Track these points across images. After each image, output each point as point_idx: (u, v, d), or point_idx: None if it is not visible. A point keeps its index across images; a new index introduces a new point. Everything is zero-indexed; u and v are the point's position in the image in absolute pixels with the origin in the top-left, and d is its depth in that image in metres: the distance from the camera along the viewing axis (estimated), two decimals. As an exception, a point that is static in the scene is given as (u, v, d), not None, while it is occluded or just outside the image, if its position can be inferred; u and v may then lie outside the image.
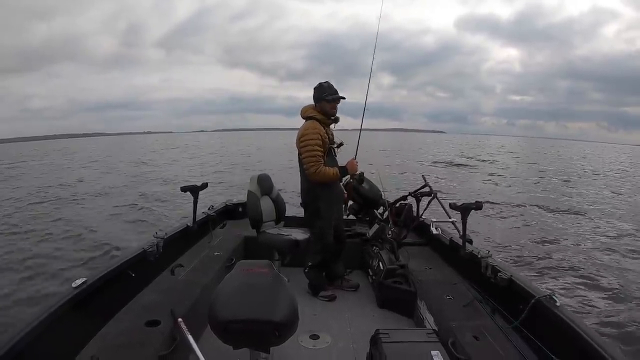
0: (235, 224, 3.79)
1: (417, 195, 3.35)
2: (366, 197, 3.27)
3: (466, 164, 22.66)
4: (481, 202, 2.50)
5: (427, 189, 3.34)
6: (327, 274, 3.04)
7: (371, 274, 3.05)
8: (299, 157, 2.81)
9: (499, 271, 2.14)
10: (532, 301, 1.81)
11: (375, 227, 3.31)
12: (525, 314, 1.83)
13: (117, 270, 2.07)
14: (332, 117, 2.82)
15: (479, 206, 2.47)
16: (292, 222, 3.28)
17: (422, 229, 3.26)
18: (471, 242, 2.66)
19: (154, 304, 2.07)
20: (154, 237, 2.51)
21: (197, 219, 3.15)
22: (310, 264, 2.96)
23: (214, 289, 1.50)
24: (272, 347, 1.48)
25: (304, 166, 2.75)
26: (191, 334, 1.78)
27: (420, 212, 3.37)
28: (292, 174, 3.73)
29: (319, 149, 2.70)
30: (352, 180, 3.16)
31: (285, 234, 2.71)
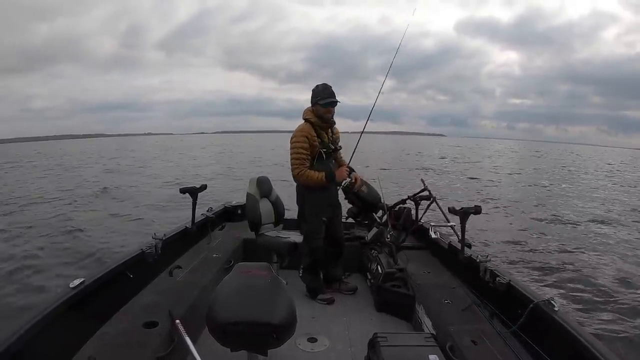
0: (234, 226, 3.79)
1: (416, 199, 3.34)
2: (365, 200, 3.26)
3: (467, 167, 22.68)
4: (480, 207, 2.50)
5: (426, 193, 3.33)
6: (325, 276, 3.03)
7: (370, 277, 3.04)
8: None
9: (498, 275, 2.13)
10: (531, 306, 1.81)
11: (374, 230, 3.30)
12: (523, 319, 1.82)
13: (115, 271, 2.06)
14: (327, 122, 2.76)
15: (478, 210, 2.46)
16: (291, 224, 3.25)
17: (421, 233, 3.26)
18: (470, 246, 2.65)
19: (152, 305, 2.07)
20: (153, 238, 2.50)
21: (196, 221, 3.15)
22: (302, 267, 2.95)
23: (213, 290, 1.50)
24: (269, 350, 1.48)
25: (290, 168, 2.74)
26: (189, 336, 1.78)
27: (419, 216, 3.37)
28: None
29: (304, 151, 2.68)
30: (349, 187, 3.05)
31: (283, 236, 2.70)
